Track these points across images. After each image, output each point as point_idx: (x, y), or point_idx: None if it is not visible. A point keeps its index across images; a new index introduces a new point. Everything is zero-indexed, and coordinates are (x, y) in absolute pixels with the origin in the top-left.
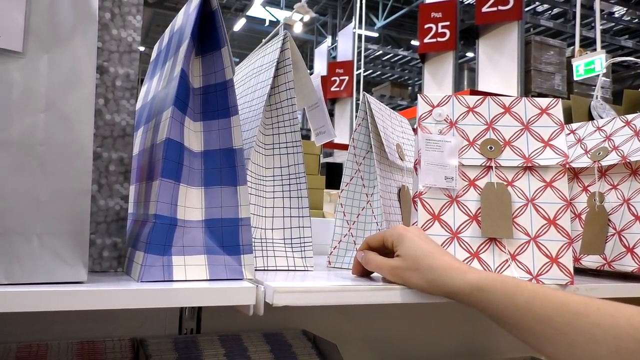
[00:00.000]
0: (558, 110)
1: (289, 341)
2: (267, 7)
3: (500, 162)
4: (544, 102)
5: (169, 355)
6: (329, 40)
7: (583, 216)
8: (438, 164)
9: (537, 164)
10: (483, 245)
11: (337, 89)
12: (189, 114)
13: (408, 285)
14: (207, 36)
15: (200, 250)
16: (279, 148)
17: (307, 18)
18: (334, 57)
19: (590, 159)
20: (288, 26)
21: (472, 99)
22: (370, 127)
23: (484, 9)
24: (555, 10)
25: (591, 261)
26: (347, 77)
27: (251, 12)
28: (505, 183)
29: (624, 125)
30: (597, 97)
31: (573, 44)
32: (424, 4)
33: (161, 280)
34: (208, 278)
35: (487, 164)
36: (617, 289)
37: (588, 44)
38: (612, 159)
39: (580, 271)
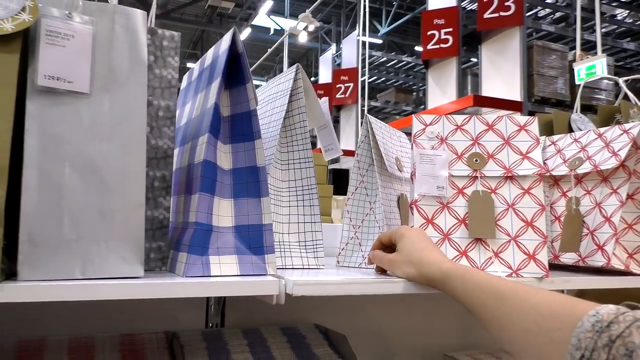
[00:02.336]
0: (534, 127)
1: (303, 333)
2: (272, 16)
3: (485, 172)
4: (522, 119)
5: (199, 345)
6: (333, 47)
7: (562, 218)
8: (431, 175)
9: (516, 174)
10: (470, 244)
11: (342, 95)
12: (220, 138)
13: (402, 276)
14: (234, 73)
15: (232, 251)
16: (293, 164)
17: (311, 28)
18: (339, 65)
19: (567, 167)
20: (293, 35)
21: (459, 118)
22: (372, 144)
23: (486, 15)
24: (557, 14)
25: (568, 258)
26: (352, 84)
27: (256, 21)
28: (489, 191)
29: (597, 138)
30: (576, 111)
31: (575, 47)
32: (426, 11)
33: (201, 275)
34: (239, 274)
35: (473, 175)
36: (587, 281)
37: (590, 47)
38: (586, 167)
39: (559, 267)
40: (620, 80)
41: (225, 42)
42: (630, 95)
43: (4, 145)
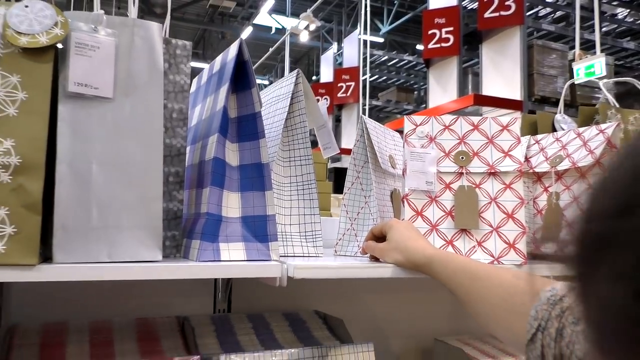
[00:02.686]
0: (516, 127)
1: (303, 318)
2: (273, 15)
3: (470, 169)
4: (505, 120)
5: (208, 328)
6: (334, 46)
7: (544, 211)
8: (420, 171)
9: (499, 170)
10: (456, 234)
11: (344, 94)
12: (228, 137)
13: (391, 262)
14: (240, 79)
15: (239, 239)
16: (294, 161)
17: (312, 27)
18: (340, 64)
19: (549, 164)
20: (294, 35)
21: (447, 119)
22: (367, 143)
23: (487, 15)
24: (558, 14)
25: (549, 248)
26: (353, 83)
27: (257, 20)
28: (474, 186)
29: (576, 137)
30: (560, 112)
31: (575, 46)
32: (427, 10)
33: (212, 260)
34: (245, 259)
35: (460, 171)
36: (559, 269)
37: (590, 46)
38: (565, 164)
39: (540, 256)
40: (601, 83)
41: (232, 50)
42: (609, 97)
43: (40, 145)
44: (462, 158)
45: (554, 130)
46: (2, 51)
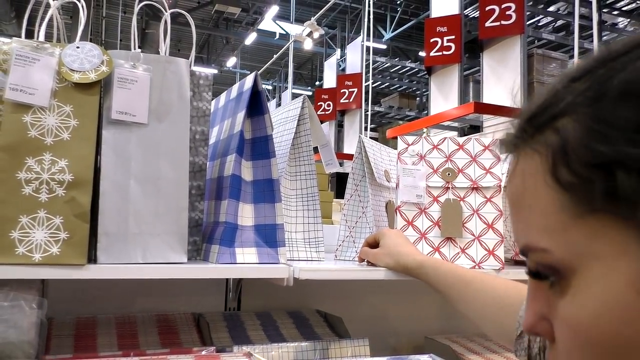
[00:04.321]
0: (496, 147)
1: (306, 316)
2: (278, 21)
3: (455, 184)
4: (486, 141)
5: (221, 324)
6: (338, 52)
7: None
8: (411, 185)
9: (480, 186)
10: (442, 242)
11: (347, 100)
12: (244, 156)
13: (383, 265)
14: (255, 106)
15: (252, 244)
16: (300, 175)
17: (316, 35)
18: (343, 70)
19: None
20: (298, 42)
21: (436, 139)
22: (364, 160)
23: (487, 24)
24: (559, 23)
25: None
26: (356, 89)
27: (262, 25)
28: (459, 199)
29: None
30: None
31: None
32: (429, 19)
33: (229, 262)
34: (258, 262)
35: (446, 186)
36: None
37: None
38: None
39: (519, 262)
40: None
41: (248, 82)
42: None
43: (89, 164)
44: (449, 174)
45: None
46: (58, 85)
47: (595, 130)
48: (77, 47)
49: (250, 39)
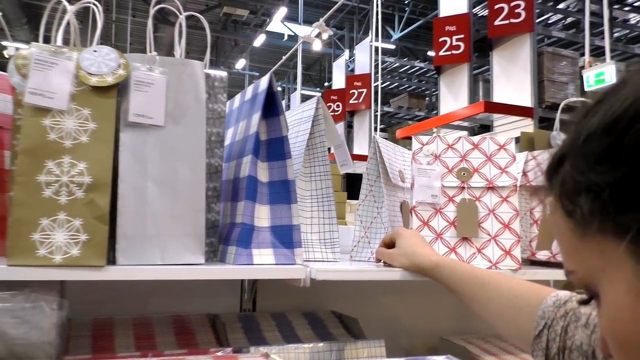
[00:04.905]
0: (512, 146)
1: (321, 317)
2: (286, 23)
3: (471, 184)
4: (502, 139)
5: (236, 325)
6: (346, 53)
7: (539, 222)
8: (427, 185)
9: (496, 185)
10: (458, 242)
11: (356, 101)
12: (260, 158)
13: (399, 266)
14: (270, 107)
15: (269, 245)
16: (315, 176)
17: (325, 36)
18: (352, 70)
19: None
20: (307, 43)
21: (451, 138)
22: (379, 160)
23: (497, 22)
24: (569, 20)
25: (543, 255)
26: (365, 90)
27: (270, 27)
28: (474, 199)
29: None
30: (556, 129)
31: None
32: (438, 18)
33: (246, 263)
34: (274, 263)
35: (461, 185)
36: (551, 274)
37: (601, 52)
38: None
39: (535, 262)
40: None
41: (263, 83)
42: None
43: (107, 166)
44: (464, 174)
45: (550, 146)
46: (76, 89)
47: (576, 165)
48: (95, 51)
49: (259, 40)
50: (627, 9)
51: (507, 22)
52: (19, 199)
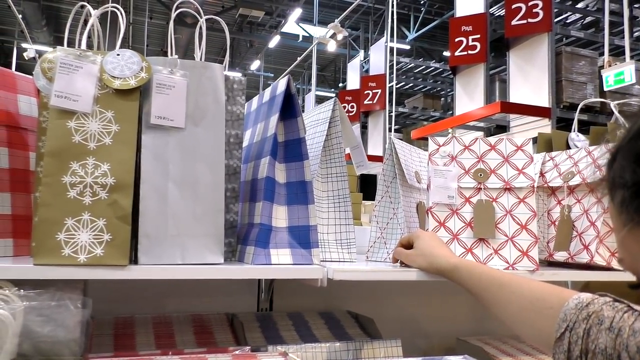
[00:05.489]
0: (529, 147)
1: (337, 317)
2: (301, 24)
3: (488, 185)
4: (519, 141)
5: (254, 324)
6: (361, 54)
7: (557, 223)
8: (443, 186)
9: (513, 186)
10: (475, 243)
11: (370, 102)
12: (277, 159)
13: (416, 267)
14: (288, 109)
15: (286, 246)
16: (331, 177)
17: (340, 37)
18: (367, 71)
19: (562, 180)
20: (322, 44)
21: (467, 139)
22: (395, 161)
23: (514, 22)
24: (588, 19)
25: (560, 256)
26: (379, 90)
27: (285, 28)
28: (491, 200)
29: (587, 155)
30: (574, 130)
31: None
32: (454, 18)
33: (264, 263)
34: (292, 263)
35: (478, 187)
36: (569, 275)
37: (621, 52)
38: (576, 180)
39: (553, 263)
40: (612, 105)
41: (281, 85)
42: (619, 117)
43: (130, 168)
44: (481, 175)
45: (568, 147)
46: (100, 92)
47: (621, 161)
48: (118, 55)
49: (274, 41)
50: None
51: (524, 21)
52: (45, 199)
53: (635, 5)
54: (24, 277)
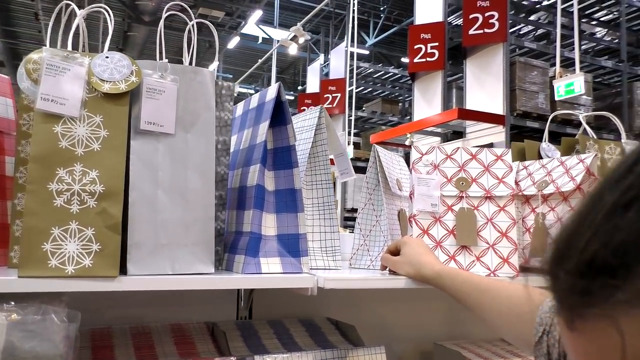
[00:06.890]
0: (509, 157)
1: (318, 324)
2: (261, 26)
3: (469, 193)
4: (499, 151)
5: (235, 333)
6: (321, 57)
7: (531, 230)
8: (426, 194)
9: (494, 195)
10: (457, 250)
11: (330, 105)
12: (267, 166)
13: (403, 274)
14: (277, 116)
15: (276, 254)
16: (317, 184)
17: (301, 40)
18: (326, 74)
19: (536, 188)
20: (282, 47)
21: (449, 148)
22: (378, 169)
23: (471, 32)
24: (540, 31)
25: (536, 262)
26: (339, 94)
27: (245, 30)
28: (472, 208)
29: (559, 165)
30: (545, 141)
31: (555, 64)
32: (413, 25)
33: (255, 272)
34: (282, 272)
35: (460, 195)
36: None
37: (571, 64)
38: (550, 189)
39: (529, 269)
40: (581, 117)
41: (271, 92)
42: (588, 129)
43: (119, 175)
44: (462, 184)
45: (540, 157)
46: (88, 95)
47: None
48: (107, 57)
49: (233, 43)
50: (594, 22)
51: (481, 31)
52: (30, 207)
53: (583, 20)
54: (7, 291)
